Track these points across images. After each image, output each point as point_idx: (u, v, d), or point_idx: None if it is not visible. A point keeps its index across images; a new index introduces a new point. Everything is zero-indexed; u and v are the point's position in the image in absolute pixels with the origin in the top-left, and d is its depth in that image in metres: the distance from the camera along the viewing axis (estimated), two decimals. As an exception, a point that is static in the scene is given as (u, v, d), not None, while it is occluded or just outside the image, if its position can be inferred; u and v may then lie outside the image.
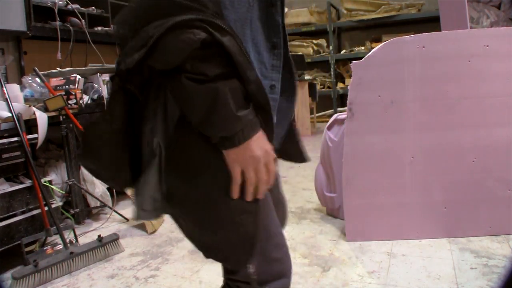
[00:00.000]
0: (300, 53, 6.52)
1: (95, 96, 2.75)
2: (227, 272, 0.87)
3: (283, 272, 0.87)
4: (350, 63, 2.14)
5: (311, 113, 5.82)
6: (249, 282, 0.83)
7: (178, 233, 1.05)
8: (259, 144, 0.71)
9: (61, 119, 2.45)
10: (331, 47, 6.73)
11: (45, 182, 2.21)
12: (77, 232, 2.21)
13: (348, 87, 2.13)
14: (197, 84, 0.66)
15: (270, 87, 0.82)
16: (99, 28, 3.80)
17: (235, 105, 0.67)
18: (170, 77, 0.68)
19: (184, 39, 0.64)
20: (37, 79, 2.61)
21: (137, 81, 0.72)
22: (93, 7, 3.77)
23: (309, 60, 6.65)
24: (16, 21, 2.94)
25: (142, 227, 2.50)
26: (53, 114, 2.38)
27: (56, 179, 2.55)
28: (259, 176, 0.73)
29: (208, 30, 0.65)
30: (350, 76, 4.02)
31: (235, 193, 0.74)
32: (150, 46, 0.65)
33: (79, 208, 2.58)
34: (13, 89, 2.29)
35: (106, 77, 2.82)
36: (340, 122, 2.35)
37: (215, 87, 0.66)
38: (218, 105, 0.66)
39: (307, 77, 5.75)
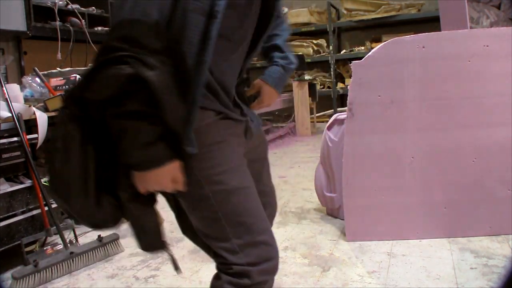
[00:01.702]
0: (300, 53, 6.51)
1: (95, 96, 2.75)
2: (219, 257, 0.93)
3: (271, 254, 0.95)
4: (350, 63, 2.14)
5: (311, 113, 5.81)
6: (239, 264, 0.89)
7: (178, 233, 1.05)
8: (163, 175, 0.78)
9: (61, 119, 2.44)
10: (331, 47, 6.73)
11: (45, 182, 2.21)
12: (77, 232, 2.21)
13: (348, 87, 2.13)
14: (114, 118, 0.74)
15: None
16: (99, 28, 3.80)
17: (139, 142, 0.74)
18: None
19: (112, 73, 0.71)
20: (37, 79, 2.61)
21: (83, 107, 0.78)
22: (93, 7, 3.77)
23: (309, 60, 6.65)
24: (16, 21, 2.94)
25: (142, 227, 2.50)
26: (53, 114, 2.38)
27: (56, 179, 2.55)
28: (164, 189, 0.82)
29: (134, 65, 0.71)
30: (350, 76, 4.03)
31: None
32: (87, 78, 0.74)
33: (79, 208, 2.57)
34: (13, 89, 2.29)
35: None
36: (340, 122, 2.35)
37: (125, 124, 0.73)
38: (125, 139, 0.74)
39: (307, 77, 5.74)
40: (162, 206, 1.00)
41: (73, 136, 0.77)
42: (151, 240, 0.91)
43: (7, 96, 2.12)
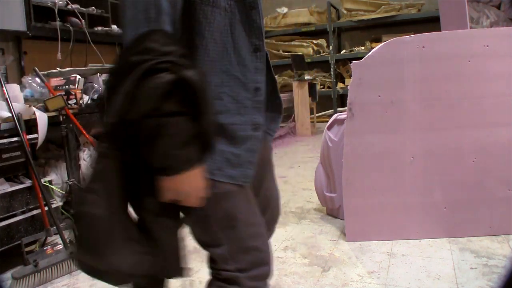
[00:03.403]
0: (300, 53, 6.52)
1: (95, 96, 2.75)
2: (211, 262, 0.92)
3: (262, 260, 0.91)
4: (350, 63, 2.14)
5: (311, 113, 5.81)
6: (228, 270, 0.88)
7: (178, 233, 1.05)
8: (191, 179, 0.75)
9: (61, 119, 2.44)
10: (331, 47, 6.73)
11: (45, 182, 2.21)
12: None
13: (348, 87, 2.13)
14: (148, 119, 0.69)
15: (255, 89, 0.86)
16: (99, 28, 3.80)
17: (177, 142, 0.71)
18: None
19: (153, 84, 0.68)
20: (37, 79, 2.61)
21: (122, 137, 0.73)
22: (93, 7, 3.77)
23: (309, 60, 6.65)
24: (16, 21, 2.94)
25: (142, 227, 2.50)
26: (53, 114, 2.38)
27: (56, 179, 2.55)
28: (186, 203, 0.78)
29: (173, 69, 0.69)
30: (350, 76, 4.03)
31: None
32: (127, 99, 0.68)
33: (79, 208, 2.57)
34: (13, 89, 2.29)
35: (106, 77, 2.82)
36: (340, 122, 2.35)
37: (164, 123, 0.70)
38: (162, 140, 0.70)
39: (307, 77, 5.74)
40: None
41: (113, 175, 0.74)
42: (170, 265, 0.85)
43: (7, 96, 2.12)
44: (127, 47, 0.72)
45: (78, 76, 2.67)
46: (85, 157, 2.67)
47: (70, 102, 2.49)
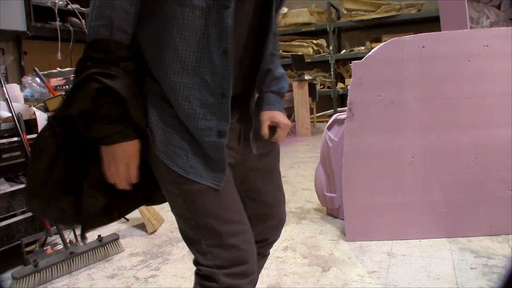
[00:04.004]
0: (300, 53, 6.52)
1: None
2: (194, 257, 0.94)
3: (242, 258, 0.91)
4: (350, 63, 2.14)
5: (311, 113, 5.82)
6: (207, 266, 0.90)
7: (178, 233, 1.05)
8: (122, 149, 0.85)
9: (61, 119, 2.44)
10: (331, 47, 6.73)
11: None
12: (77, 232, 2.21)
13: (348, 87, 2.13)
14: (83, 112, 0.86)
15: (221, 95, 0.87)
16: (99, 28, 3.80)
17: (111, 119, 0.83)
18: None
19: (84, 90, 0.82)
20: (37, 79, 2.61)
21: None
22: (93, 7, 3.76)
23: (309, 60, 6.66)
24: (16, 21, 2.94)
25: (142, 227, 2.50)
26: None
27: (56, 179, 2.55)
28: (118, 172, 0.87)
29: (99, 80, 0.81)
30: (350, 76, 4.03)
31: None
32: (68, 98, 0.85)
33: (79, 208, 2.57)
34: (13, 89, 2.29)
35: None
36: (340, 122, 2.35)
37: (102, 105, 0.84)
38: (98, 116, 0.83)
39: (307, 77, 5.74)
40: (162, 206, 1.00)
41: (47, 150, 0.89)
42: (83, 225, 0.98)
43: (7, 96, 2.12)
44: (85, 48, 0.86)
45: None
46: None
47: (70, 102, 2.49)
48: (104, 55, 0.83)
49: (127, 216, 2.66)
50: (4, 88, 2.14)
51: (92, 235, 2.30)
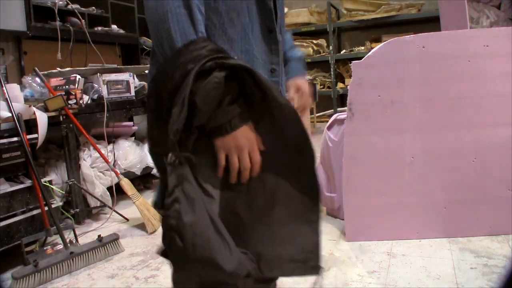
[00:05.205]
0: (300, 53, 6.50)
1: (95, 96, 2.75)
2: None
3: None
4: (350, 63, 2.14)
5: (311, 113, 5.81)
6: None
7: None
8: (244, 134, 0.77)
9: (61, 119, 2.45)
10: (331, 47, 6.73)
11: (45, 182, 2.21)
12: (77, 232, 2.21)
13: (348, 87, 2.13)
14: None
15: (270, 70, 0.90)
16: (99, 28, 3.80)
17: (225, 102, 0.75)
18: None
19: (211, 85, 0.71)
20: (37, 79, 2.61)
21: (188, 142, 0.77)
22: (93, 7, 3.77)
23: (309, 60, 6.65)
24: (16, 21, 2.94)
25: (142, 227, 2.50)
26: (53, 114, 2.38)
27: (56, 179, 2.55)
28: (242, 163, 0.78)
29: (222, 66, 0.72)
30: (350, 76, 4.02)
31: (220, 173, 0.80)
32: (188, 106, 0.71)
33: (79, 208, 2.57)
34: (13, 89, 2.29)
35: (106, 77, 2.82)
36: (340, 122, 2.35)
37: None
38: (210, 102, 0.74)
39: (307, 77, 5.73)
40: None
41: (189, 180, 0.73)
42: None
43: (7, 96, 2.12)
44: (174, 55, 0.75)
45: (78, 76, 2.67)
46: (85, 157, 2.67)
47: (70, 102, 2.49)
48: (202, 51, 0.75)
49: (127, 216, 2.67)
50: (4, 88, 2.15)
51: (92, 235, 2.30)
